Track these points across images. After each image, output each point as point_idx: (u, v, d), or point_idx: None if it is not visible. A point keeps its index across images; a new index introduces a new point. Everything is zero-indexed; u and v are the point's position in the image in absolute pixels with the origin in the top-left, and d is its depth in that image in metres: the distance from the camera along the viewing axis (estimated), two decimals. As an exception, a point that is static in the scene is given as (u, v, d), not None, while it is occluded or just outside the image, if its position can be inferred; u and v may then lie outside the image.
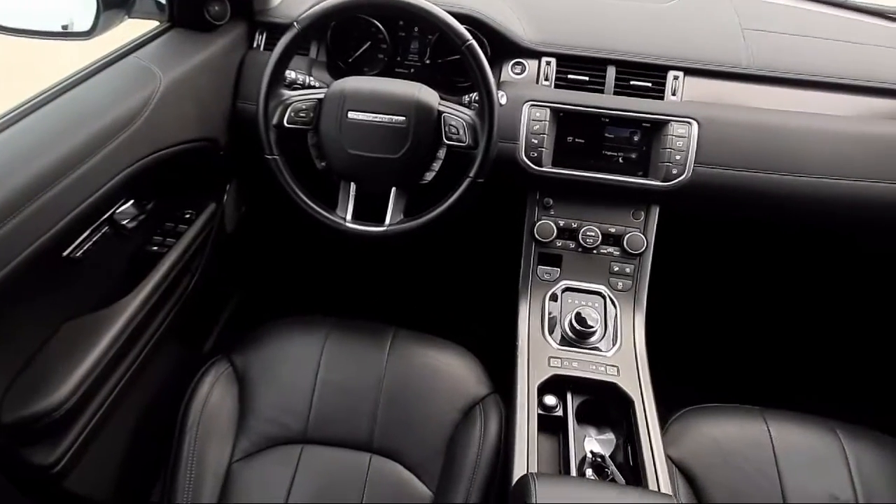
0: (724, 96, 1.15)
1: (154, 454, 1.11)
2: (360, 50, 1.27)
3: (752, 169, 1.09)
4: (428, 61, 1.27)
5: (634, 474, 0.92)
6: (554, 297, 1.15)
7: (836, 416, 1.08)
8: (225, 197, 1.26)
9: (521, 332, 1.10)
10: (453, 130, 1.00)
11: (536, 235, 1.17)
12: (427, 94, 1.01)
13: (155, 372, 1.12)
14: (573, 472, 0.91)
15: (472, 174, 0.99)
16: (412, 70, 1.29)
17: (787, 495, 0.96)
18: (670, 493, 0.87)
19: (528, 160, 1.13)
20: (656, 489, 0.87)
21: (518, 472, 0.88)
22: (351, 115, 1.00)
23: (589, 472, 0.95)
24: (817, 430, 1.03)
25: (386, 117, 1.00)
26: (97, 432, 0.97)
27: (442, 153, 1.04)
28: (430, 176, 1.05)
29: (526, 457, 0.90)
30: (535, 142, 1.13)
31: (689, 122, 1.11)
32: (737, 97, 1.15)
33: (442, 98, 1.08)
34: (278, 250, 1.65)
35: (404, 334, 1.13)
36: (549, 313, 1.13)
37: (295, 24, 0.97)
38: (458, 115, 1.00)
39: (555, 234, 1.17)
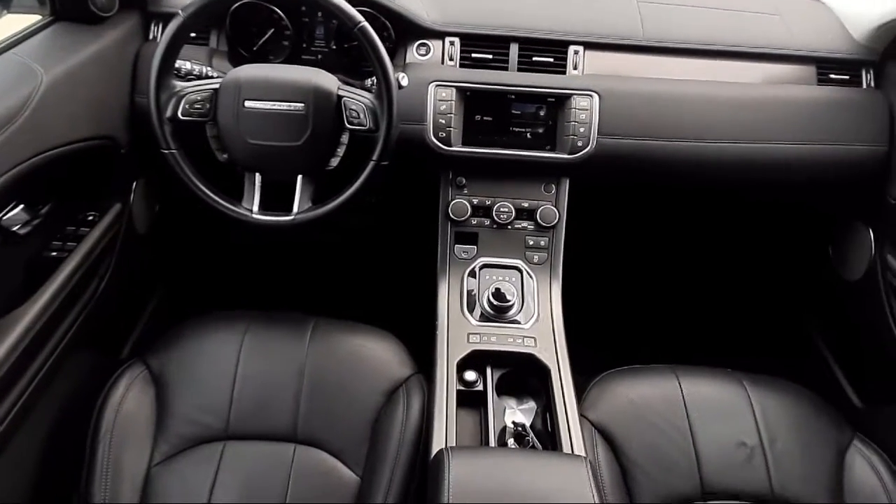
0: (624, 68, 1.19)
1: (69, 465, 1.07)
2: (264, 38, 1.24)
3: (652, 137, 1.13)
4: (334, 46, 1.25)
5: (552, 440, 0.94)
6: (472, 275, 1.16)
7: (743, 367, 1.14)
8: (132, 197, 1.22)
9: (440, 311, 1.11)
10: (354, 114, 0.99)
11: (451, 215, 1.18)
12: (325, 79, 1.00)
13: (66, 380, 1.08)
14: (492, 444, 0.93)
15: (375, 157, 0.99)
16: (319, 56, 1.27)
17: (699, 445, 1.00)
18: (583, 454, 0.89)
19: (438, 140, 1.14)
20: (570, 451, 0.90)
21: (437, 448, 0.89)
22: (248, 104, 0.98)
23: (511, 441, 0.97)
24: (725, 383, 1.09)
25: (284, 105, 0.98)
26: (4, 445, 0.93)
27: (345, 138, 1.03)
28: (335, 162, 1.04)
29: (444, 432, 0.91)
30: (443, 122, 1.13)
31: (590, 95, 1.13)
32: (635, 69, 1.19)
33: (346, 82, 1.07)
34: (199, 248, 1.60)
35: (325, 323, 1.12)
36: (468, 291, 1.14)
37: (180, 12, 0.94)
38: (357, 99, 0.99)
39: (469, 212, 1.18)
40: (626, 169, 1.15)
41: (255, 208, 1.03)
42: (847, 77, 1.19)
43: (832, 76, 1.19)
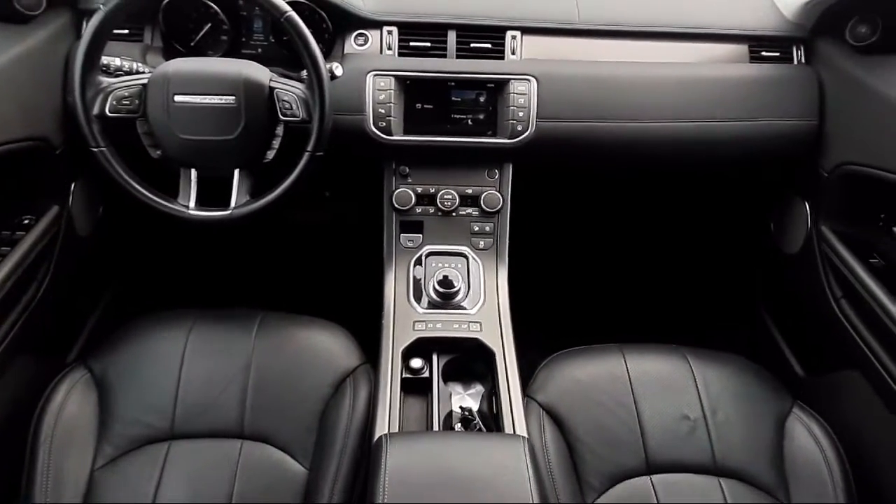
0: (561, 52, 1.19)
1: (11, 471, 1.05)
2: (201, 33, 1.22)
3: (590, 119, 1.14)
4: (272, 40, 1.24)
5: (497, 422, 0.95)
6: (418, 263, 1.17)
7: (693, 342, 1.16)
8: (70, 198, 1.20)
9: (386, 301, 1.12)
10: (287, 106, 0.98)
11: (395, 204, 1.18)
12: (256, 71, 0.99)
13: (5, 387, 1.05)
14: (437, 429, 0.94)
15: (309, 148, 0.99)
16: (259, 50, 1.25)
17: (644, 421, 1.02)
18: (525, 434, 0.90)
19: (378, 130, 1.13)
20: (512, 432, 0.91)
21: (379, 435, 0.89)
22: (177, 98, 0.96)
23: (458, 426, 0.98)
24: (669, 358, 1.10)
25: (214, 98, 0.97)
26: None
27: (280, 130, 1.02)
28: (271, 154, 1.03)
29: (387, 420, 0.91)
30: (383, 111, 1.13)
31: (528, 80, 1.14)
32: (572, 52, 1.20)
33: (284, 75, 1.06)
34: (147, 248, 1.58)
35: (272, 317, 1.11)
36: (415, 279, 1.15)
37: (101, 6, 0.92)
38: (290, 91, 0.99)
39: (413, 200, 1.18)
40: (567, 151, 1.16)
41: (192, 204, 1.02)
42: (778, 54, 1.22)
43: (764, 54, 1.21)
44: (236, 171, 1.02)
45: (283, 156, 1.04)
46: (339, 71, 1.07)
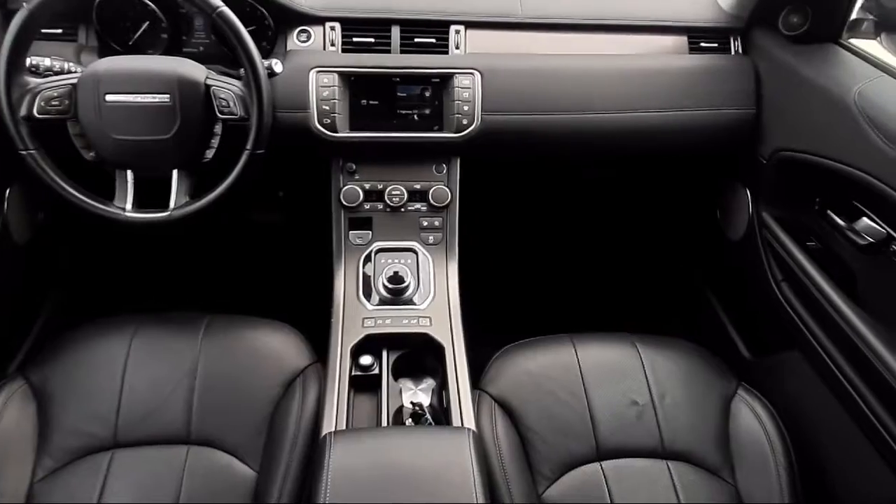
0: (505, 46, 1.20)
1: None
2: (140, 31, 1.19)
3: (534, 112, 1.15)
4: (214, 37, 1.21)
5: (446, 415, 0.95)
6: (368, 260, 1.16)
7: (646, 330, 1.18)
8: (5, 205, 1.15)
9: (335, 299, 1.11)
10: (224, 104, 0.97)
11: (343, 201, 1.17)
12: (190, 69, 0.97)
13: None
14: (386, 425, 0.93)
15: (249, 146, 0.97)
16: (201, 48, 1.22)
17: (594, 409, 1.03)
18: (473, 427, 0.91)
19: (323, 127, 1.12)
20: (460, 425, 0.91)
21: (324, 434, 0.88)
22: (109, 98, 0.94)
23: (408, 421, 0.97)
24: (618, 346, 1.12)
25: (148, 97, 0.94)
26: None
27: (219, 128, 1.01)
28: (210, 154, 1.02)
29: (334, 419, 0.91)
30: (327, 108, 1.12)
31: (472, 74, 1.14)
32: (516, 46, 1.20)
33: (224, 73, 1.04)
34: (89, 253, 1.54)
35: (220, 320, 1.09)
36: (364, 276, 1.14)
37: (25, 3, 0.89)
38: (226, 88, 0.97)
39: (361, 197, 1.17)
40: (513, 144, 1.17)
41: (129, 206, 0.99)
42: (716, 45, 1.24)
43: (703, 44, 1.24)
44: (175, 172, 1.00)
45: (223, 155, 1.02)
46: (278, 67, 1.06)
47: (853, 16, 1.10)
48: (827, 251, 1.10)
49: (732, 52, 1.25)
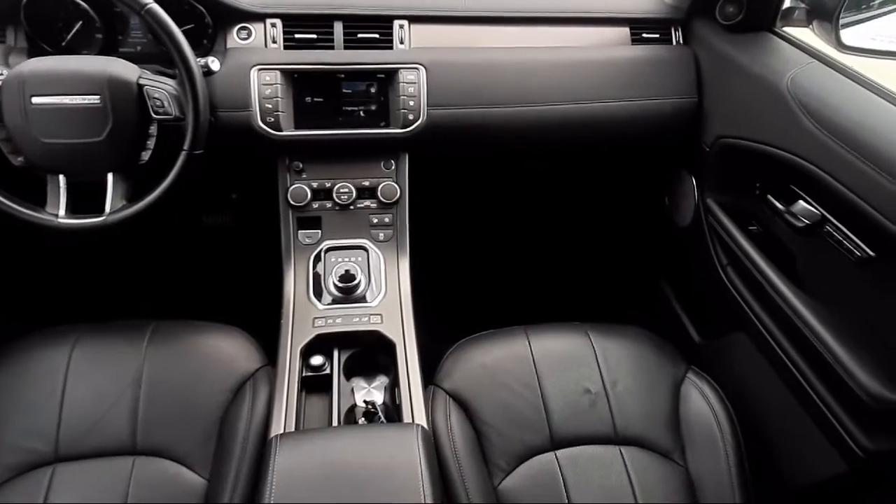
0: (449, 40, 1.20)
1: None
2: (73, 31, 1.15)
3: (480, 105, 1.15)
4: (151, 36, 1.18)
5: (399, 413, 0.95)
6: (318, 259, 1.14)
7: (603, 318, 1.19)
8: None
9: (285, 300, 1.09)
10: (158, 103, 0.94)
11: (291, 201, 1.15)
12: (121, 68, 0.94)
13: None
14: (337, 425, 0.93)
15: (186, 147, 0.95)
16: (138, 48, 1.19)
17: (547, 399, 1.04)
18: (424, 423, 0.90)
19: (266, 126, 1.10)
20: (411, 421, 0.90)
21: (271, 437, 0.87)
22: (35, 100, 0.90)
23: (361, 420, 0.97)
24: (571, 335, 1.13)
25: (76, 98, 0.91)
26: None
27: (154, 129, 0.98)
28: (146, 155, 0.99)
29: (283, 421, 0.89)
30: (270, 106, 1.10)
31: (417, 68, 1.14)
32: (460, 39, 1.20)
33: (160, 72, 1.01)
34: (29, 262, 1.48)
35: (165, 326, 1.07)
36: (315, 275, 1.13)
37: None
38: (160, 87, 0.94)
39: (309, 196, 1.16)
40: (460, 138, 1.17)
41: (62, 212, 0.96)
42: (658, 35, 1.26)
43: (645, 35, 1.26)
44: (110, 175, 0.97)
45: (160, 156, 0.99)
46: (215, 65, 1.04)
47: (786, 4, 1.13)
48: (768, 234, 1.13)
49: (673, 43, 1.27)
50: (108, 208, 0.96)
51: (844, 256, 0.95)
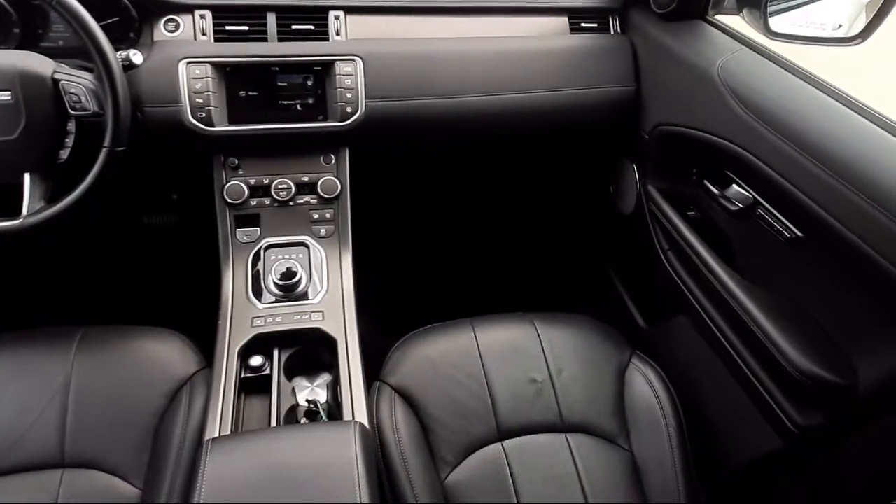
0: (387, 31, 1.18)
1: None
2: None
3: (418, 97, 1.14)
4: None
5: (341, 410, 0.93)
6: (257, 257, 1.11)
7: (555, 308, 1.20)
8: None
9: (223, 300, 1.06)
10: (75, 99, 0.89)
11: (227, 198, 1.12)
12: (34, 62, 0.89)
13: None
14: (275, 426, 0.90)
15: (107, 144, 0.90)
16: (60, 42, 1.13)
17: (493, 390, 1.04)
18: (365, 420, 0.89)
19: (198, 122, 1.06)
20: (352, 418, 0.89)
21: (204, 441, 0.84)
22: None
23: (303, 420, 0.94)
24: (517, 326, 1.13)
25: None
26: None
27: (72, 126, 0.93)
28: (65, 154, 0.94)
29: (218, 426, 0.86)
30: (201, 101, 1.06)
31: (354, 60, 1.11)
32: (398, 30, 1.18)
33: (80, 66, 0.96)
34: None
35: (96, 331, 1.02)
36: (254, 274, 1.10)
37: None
38: (77, 82, 0.90)
39: (247, 193, 1.12)
40: (400, 130, 1.15)
41: None
42: (596, 25, 1.27)
43: (583, 25, 1.26)
44: (26, 176, 0.92)
45: (80, 154, 0.95)
46: (137, 59, 0.99)
47: (717, -7, 1.15)
48: (705, 219, 1.15)
49: (611, 32, 1.28)
50: (24, 210, 0.91)
51: (775, 238, 0.97)
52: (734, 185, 1.05)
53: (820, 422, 0.87)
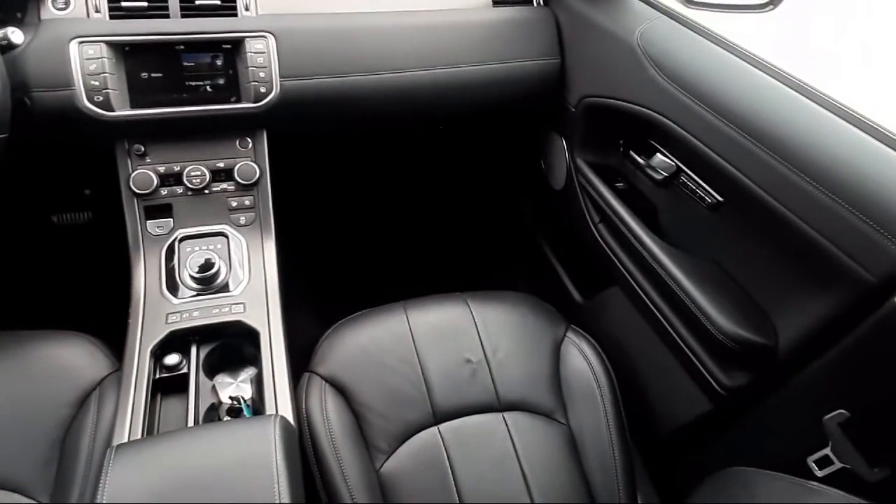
0: (300, 5, 1.12)
1: None
2: None
3: (338, 74, 1.09)
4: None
5: (263, 404, 0.88)
6: (171, 250, 1.05)
7: (481, 287, 1.17)
8: None
9: (134, 297, 0.99)
10: None
11: (134, 188, 1.04)
12: None
13: None
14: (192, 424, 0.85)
15: (-15, 131, 0.82)
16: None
17: (428, 374, 1.01)
18: (289, 413, 0.85)
19: (95, 106, 0.98)
20: (275, 412, 0.85)
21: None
22: None
23: (226, 418, 0.89)
24: (450, 306, 1.10)
25: None
26: None
27: (-57, 113, 0.84)
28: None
29: (127, 432, 0.81)
30: (97, 84, 0.98)
31: (265, 37, 1.05)
32: (313, 5, 1.13)
33: None
34: None
35: None
36: (168, 268, 1.03)
37: None
38: (-56, 64, 0.81)
39: (156, 182, 1.05)
40: (319, 111, 1.10)
41: None
42: (518, -3, 1.25)
43: (505, -3, 1.24)
44: None
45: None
46: (17, 37, 0.90)
47: (635, -38, 1.14)
48: (632, 190, 1.15)
49: (535, 4, 1.26)
50: None
51: (697, 204, 0.98)
52: (658, 154, 1.05)
53: (745, 382, 0.88)
